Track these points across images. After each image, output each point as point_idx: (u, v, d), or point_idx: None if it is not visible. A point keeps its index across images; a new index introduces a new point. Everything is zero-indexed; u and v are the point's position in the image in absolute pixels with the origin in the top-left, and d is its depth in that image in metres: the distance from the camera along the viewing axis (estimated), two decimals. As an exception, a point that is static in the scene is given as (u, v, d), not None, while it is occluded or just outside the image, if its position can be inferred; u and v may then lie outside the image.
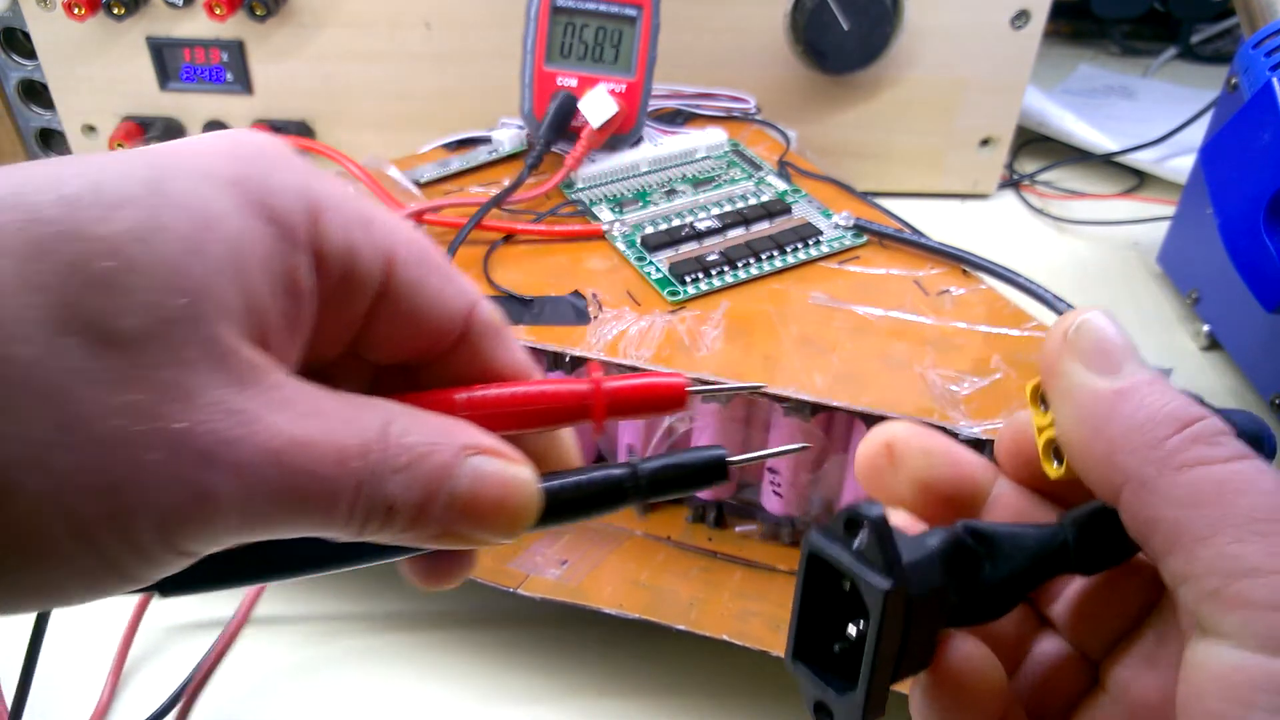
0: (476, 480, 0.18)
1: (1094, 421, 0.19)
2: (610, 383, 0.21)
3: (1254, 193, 0.38)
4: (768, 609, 0.36)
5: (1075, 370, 0.19)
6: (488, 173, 0.49)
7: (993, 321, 0.39)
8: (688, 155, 0.50)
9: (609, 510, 0.21)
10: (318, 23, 0.58)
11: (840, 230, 0.44)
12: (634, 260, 0.42)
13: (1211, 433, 0.18)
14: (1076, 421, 0.19)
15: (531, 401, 0.21)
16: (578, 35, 0.48)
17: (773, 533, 0.40)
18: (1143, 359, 0.19)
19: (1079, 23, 0.88)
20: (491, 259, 0.42)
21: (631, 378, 0.21)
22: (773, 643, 0.34)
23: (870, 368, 0.36)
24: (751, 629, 0.35)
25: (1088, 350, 0.19)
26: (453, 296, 0.21)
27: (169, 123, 0.61)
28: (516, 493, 0.19)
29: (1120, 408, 0.18)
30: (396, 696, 0.37)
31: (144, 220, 0.16)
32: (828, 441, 0.37)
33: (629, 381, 0.21)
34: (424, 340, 0.21)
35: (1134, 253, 0.61)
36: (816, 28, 0.56)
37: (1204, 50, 0.85)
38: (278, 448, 0.16)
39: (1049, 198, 0.67)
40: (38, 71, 0.61)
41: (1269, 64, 0.38)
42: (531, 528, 0.19)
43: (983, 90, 0.61)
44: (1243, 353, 0.51)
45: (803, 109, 0.61)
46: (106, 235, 0.15)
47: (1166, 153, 0.67)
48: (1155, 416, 0.18)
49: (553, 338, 0.38)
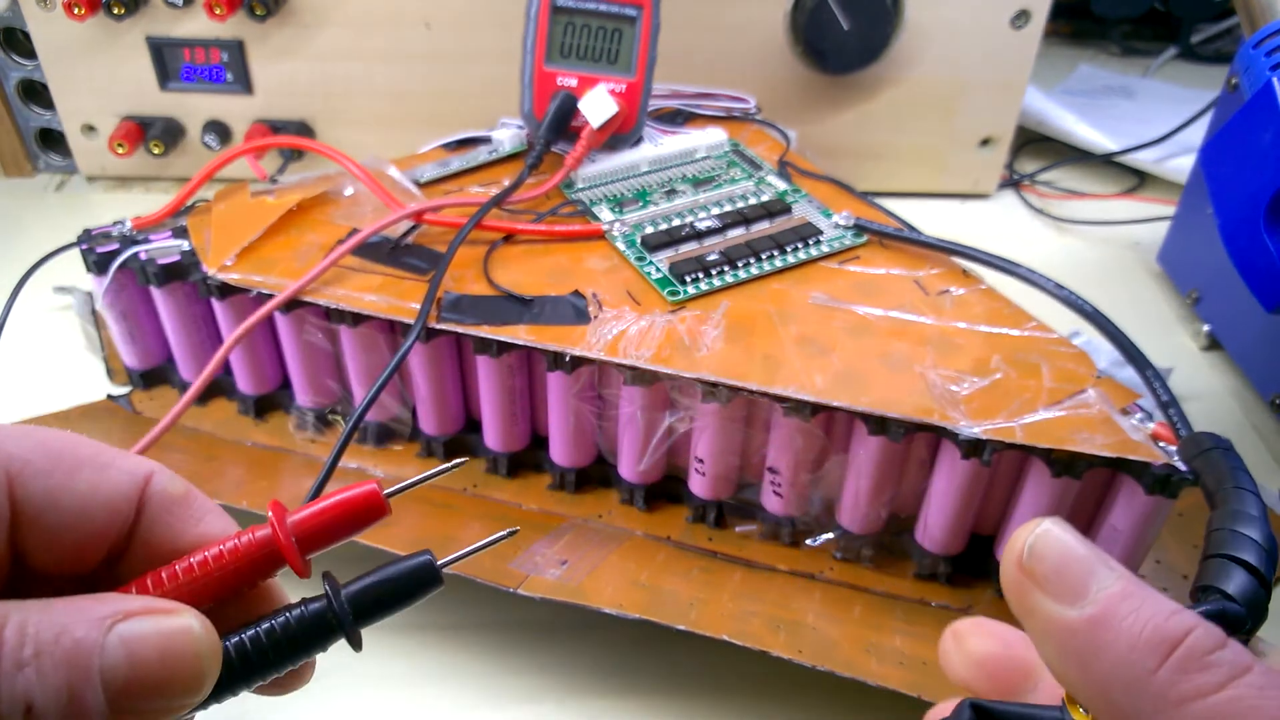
0: (129, 646, 0.16)
1: (1079, 661, 0.18)
2: (294, 517, 0.19)
3: (1254, 192, 0.38)
4: (767, 609, 0.36)
5: (1042, 605, 0.19)
6: (488, 172, 0.49)
7: (993, 321, 0.39)
8: (688, 155, 0.50)
9: (316, 651, 0.19)
10: (318, 22, 0.58)
11: (840, 230, 0.44)
12: (634, 260, 0.42)
13: (1202, 652, 0.17)
14: (1062, 664, 0.18)
15: (209, 568, 0.19)
16: (578, 35, 0.48)
17: (773, 533, 0.40)
18: (1108, 561, 0.19)
19: (1079, 23, 0.88)
20: (491, 259, 0.42)
21: (317, 503, 0.19)
22: (772, 643, 0.34)
23: (870, 367, 0.36)
24: (751, 629, 0.35)
25: (1048, 576, 0.19)
26: (107, 486, 0.19)
27: (169, 123, 0.62)
28: (181, 644, 0.17)
29: (1099, 639, 0.18)
30: (396, 696, 0.37)
31: None
32: (828, 442, 0.37)
33: (314, 508, 0.19)
34: (90, 540, 0.19)
35: (1134, 252, 0.61)
36: (816, 28, 0.56)
37: (1204, 50, 0.85)
38: None
39: (1049, 197, 0.67)
40: (37, 71, 0.61)
41: (1269, 64, 0.38)
42: (228, 691, 0.18)
43: (983, 90, 0.61)
44: (1242, 352, 0.51)
45: (803, 109, 0.61)
46: None
47: (1167, 153, 0.67)
48: (1137, 644, 0.17)
49: (553, 337, 0.38)
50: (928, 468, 0.37)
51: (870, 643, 0.35)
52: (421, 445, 0.44)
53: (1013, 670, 0.23)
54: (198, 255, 0.42)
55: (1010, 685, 0.23)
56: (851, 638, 0.35)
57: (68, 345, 0.51)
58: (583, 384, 0.39)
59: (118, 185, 0.65)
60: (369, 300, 0.39)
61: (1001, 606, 0.37)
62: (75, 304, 0.51)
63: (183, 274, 0.43)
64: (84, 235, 0.44)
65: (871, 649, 0.34)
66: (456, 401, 0.43)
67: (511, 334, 0.38)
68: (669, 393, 0.38)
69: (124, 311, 0.45)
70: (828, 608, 0.37)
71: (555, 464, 0.42)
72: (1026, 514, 0.36)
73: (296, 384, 0.44)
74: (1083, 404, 0.35)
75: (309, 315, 0.41)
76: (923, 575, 0.39)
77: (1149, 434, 0.34)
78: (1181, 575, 0.39)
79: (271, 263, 0.41)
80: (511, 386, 0.40)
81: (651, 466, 0.40)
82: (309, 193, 0.45)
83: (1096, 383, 0.36)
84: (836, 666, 0.33)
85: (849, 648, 0.34)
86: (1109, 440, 0.33)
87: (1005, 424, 0.34)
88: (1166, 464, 0.33)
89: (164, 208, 0.45)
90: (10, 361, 0.48)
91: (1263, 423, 0.48)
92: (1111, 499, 0.35)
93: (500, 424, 0.41)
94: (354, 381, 0.43)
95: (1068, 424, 0.34)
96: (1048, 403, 0.35)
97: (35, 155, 0.66)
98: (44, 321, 0.52)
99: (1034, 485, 0.35)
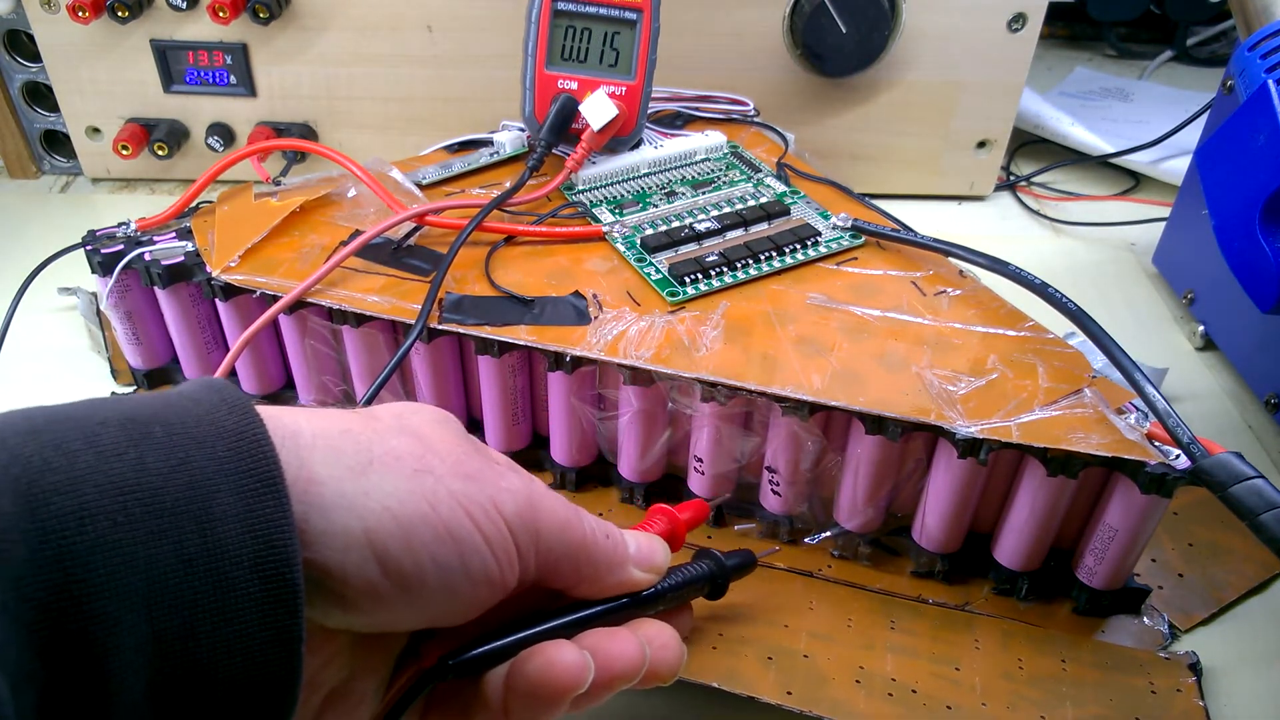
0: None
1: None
2: (683, 515, 0.33)
3: (1249, 194, 0.38)
4: (760, 632, 0.36)
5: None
6: (489, 175, 0.50)
7: (989, 322, 0.40)
8: (687, 157, 0.51)
9: (702, 591, 0.32)
10: (320, 26, 0.59)
11: (838, 231, 0.45)
12: (634, 261, 0.42)
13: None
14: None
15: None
16: (578, 39, 0.48)
17: (771, 531, 0.40)
18: None
19: (1075, 25, 0.88)
20: (493, 260, 0.43)
21: (685, 509, 0.34)
22: (762, 687, 0.34)
23: (868, 368, 0.37)
24: (743, 667, 0.35)
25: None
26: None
27: (173, 125, 0.62)
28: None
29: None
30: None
31: None
32: (826, 441, 0.38)
33: (687, 513, 0.34)
34: None
35: (1130, 253, 0.62)
36: (815, 31, 0.57)
37: (1200, 53, 0.85)
38: None
39: (1045, 199, 0.67)
40: (42, 74, 0.61)
41: (1264, 66, 0.39)
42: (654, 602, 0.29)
43: (980, 93, 0.61)
44: (1238, 352, 0.51)
45: (801, 111, 0.61)
46: None
47: (1162, 154, 0.67)
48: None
49: (553, 338, 0.38)
50: (925, 467, 0.37)
51: (861, 670, 0.35)
52: (423, 445, 0.44)
53: None
54: (202, 256, 0.42)
55: None
56: (843, 663, 0.35)
57: (72, 346, 0.51)
58: (583, 384, 0.39)
59: (122, 187, 0.65)
60: (371, 301, 0.40)
61: (999, 603, 0.38)
62: (80, 305, 0.51)
63: (187, 275, 0.43)
64: (89, 236, 0.44)
65: (862, 679, 0.34)
66: (458, 401, 0.43)
67: (512, 334, 0.38)
68: (668, 393, 0.38)
69: (128, 312, 0.45)
70: (822, 620, 0.37)
71: (556, 463, 0.42)
72: (1023, 512, 0.36)
73: (300, 384, 0.45)
74: (1078, 403, 0.35)
75: (312, 316, 0.42)
76: (920, 573, 0.39)
77: (1144, 433, 0.34)
78: (1177, 574, 0.40)
79: (275, 264, 0.42)
80: (513, 386, 0.41)
81: (651, 465, 0.41)
82: (312, 195, 0.45)
83: (1092, 382, 0.36)
84: (824, 710, 0.33)
85: (839, 680, 0.34)
86: (1105, 440, 0.34)
87: (1001, 423, 0.34)
88: (1162, 463, 0.33)
89: (168, 209, 0.45)
90: (15, 362, 0.48)
91: (1258, 422, 0.48)
92: (1107, 498, 0.36)
93: (501, 424, 0.42)
94: (356, 381, 0.43)
95: (1064, 423, 0.34)
96: (1044, 402, 0.35)
97: (40, 157, 0.66)
98: (49, 322, 0.52)
99: (1030, 484, 0.36)
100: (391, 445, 0.22)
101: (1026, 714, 0.34)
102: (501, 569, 0.23)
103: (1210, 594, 0.39)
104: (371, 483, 0.21)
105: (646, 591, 0.28)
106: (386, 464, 0.22)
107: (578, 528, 0.25)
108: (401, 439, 0.23)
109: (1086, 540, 0.37)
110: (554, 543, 0.24)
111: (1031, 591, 0.38)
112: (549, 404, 0.41)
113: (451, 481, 0.23)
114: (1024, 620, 0.37)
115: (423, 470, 0.22)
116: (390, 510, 0.21)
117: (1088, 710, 0.34)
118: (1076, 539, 0.38)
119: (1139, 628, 0.38)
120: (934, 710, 0.34)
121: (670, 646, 0.26)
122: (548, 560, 0.24)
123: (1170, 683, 0.35)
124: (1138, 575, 0.39)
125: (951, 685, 0.34)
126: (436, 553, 0.22)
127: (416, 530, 0.21)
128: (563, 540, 0.25)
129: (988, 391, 0.36)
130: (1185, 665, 0.36)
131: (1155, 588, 0.39)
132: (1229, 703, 0.35)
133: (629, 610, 0.27)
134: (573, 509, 0.25)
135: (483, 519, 0.22)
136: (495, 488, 0.23)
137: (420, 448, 0.23)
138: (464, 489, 0.23)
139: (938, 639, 0.36)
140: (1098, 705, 0.34)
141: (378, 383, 0.39)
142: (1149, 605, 0.38)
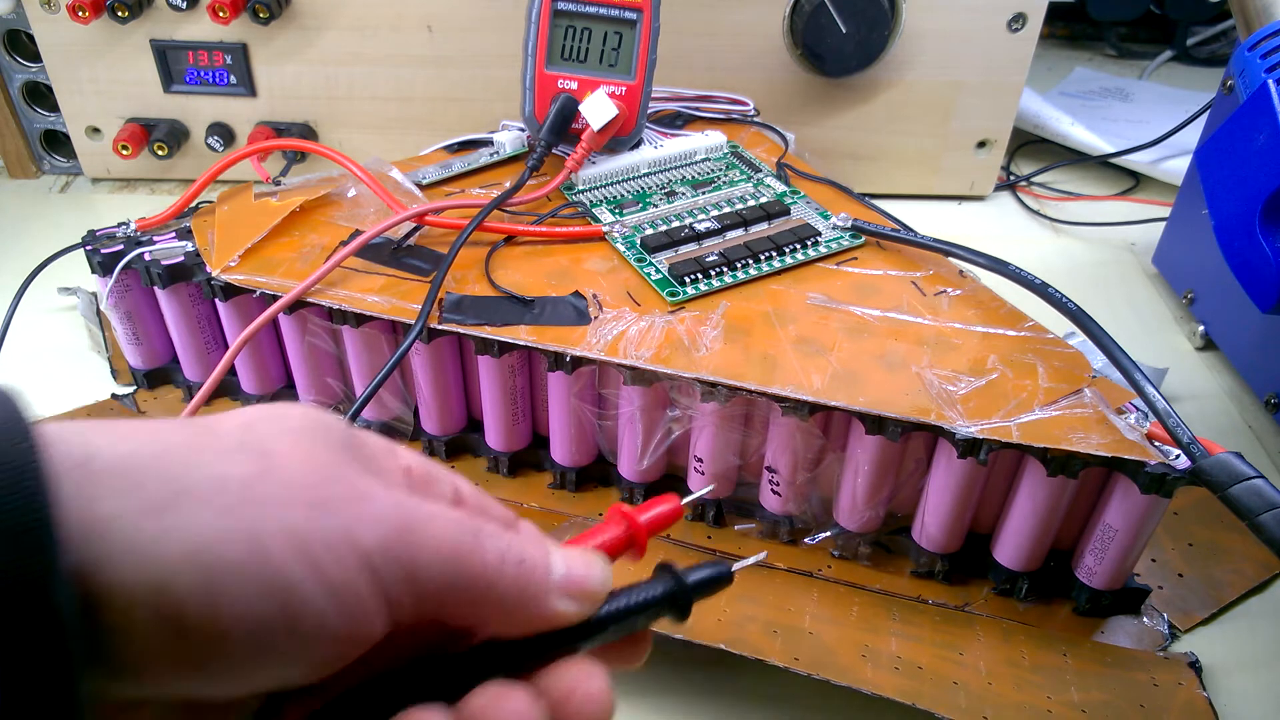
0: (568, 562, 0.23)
1: None
2: (643, 516, 0.25)
3: (1249, 194, 0.38)
4: (765, 612, 0.36)
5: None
6: (489, 175, 0.50)
7: (989, 322, 0.40)
8: (687, 157, 0.51)
9: (662, 614, 0.24)
10: (320, 26, 0.59)
11: (838, 231, 0.45)
12: (634, 261, 0.42)
13: None
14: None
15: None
16: (578, 39, 0.48)
17: (771, 531, 0.40)
18: None
19: (1075, 25, 0.88)
20: (493, 260, 0.43)
21: (654, 506, 0.25)
22: (769, 650, 0.34)
23: (868, 367, 0.37)
24: (748, 635, 0.35)
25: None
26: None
27: (173, 125, 0.62)
28: (600, 568, 0.23)
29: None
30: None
31: None
32: (826, 441, 0.38)
33: (652, 512, 0.25)
34: None
35: (1130, 253, 0.62)
36: (815, 31, 0.57)
37: (1199, 53, 0.85)
38: None
39: (1045, 199, 0.67)
40: (42, 74, 0.61)
41: (1264, 66, 0.39)
42: (600, 635, 0.23)
43: (979, 93, 0.61)
44: (1238, 352, 0.51)
45: (801, 111, 0.61)
46: None
47: (1162, 154, 0.67)
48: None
49: (553, 338, 0.38)
50: (925, 467, 0.37)
51: (866, 646, 0.35)
52: (424, 444, 0.44)
53: None
54: (202, 256, 0.42)
55: None
56: (848, 641, 0.35)
57: (72, 345, 0.51)
58: (583, 384, 0.39)
59: (122, 187, 0.65)
60: (372, 301, 0.40)
61: (999, 604, 0.38)
62: (80, 304, 0.51)
63: (187, 275, 0.43)
64: (88, 236, 0.44)
65: (867, 654, 0.35)
66: (458, 401, 0.43)
67: (512, 334, 0.38)
68: (668, 392, 0.38)
69: (128, 312, 0.45)
70: (825, 609, 0.37)
71: (556, 463, 0.42)
72: (1023, 512, 0.36)
73: (300, 384, 0.45)
74: (1078, 403, 0.35)
75: (312, 316, 0.42)
76: (920, 573, 0.39)
77: (1144, 433, 0.34)
78: (1177, 574, 0.40)
79: (275, 264, 0.42)
80: (512, 386, 0.41)
81: (651, 465, 0.41)
82: (312, 195, 0.45)
83: (1092, 382, 0.36)
84: (832, 675, 0.33)
85: (845, 654, 0.35)
86: (1104, 440, 0.34)
87: (1001, 423, 0.34)
88: (1162, 463, 0.33)
89: (168, 209, 0.45)
90: (15, 361, 0.48)
91: (1258, 422, 0.48)
92: (1107, 498, 0.36)
93: (501, 423, 0.42)
94: (357, 381, 0.43)
95: (1064, 423, 0.34)
96: (1044, 402, 0.35)
97: (40, 157, 0.66)
98: (48, 322, 0.52)
99: (1030, 484, 0.36)
100: (216, 471, 0.18)
101: (1032, 695, 0.34)
102: (350, 620, 0.19)
103: (1210, 594, 0.39)
104: (174, 522, 0.17)
105: (578, 624, 0.23)
106: (201, 496, 0.18)
107: (473, 556, 0.21)
108: (235, 460, 0.19)
109: (1086, 540, 0.37)
110: (437, 577, 0.20)
111: (1031, 591, 0.38)
112: (549, 404, 0.41)
113: (289, 513, 0.18)
114: (1024, 621, 0.37)
115: (249, 501, 0.18)
116: (193, 557, 0.17)
117: (1092, 695, 0.34)
118: (1076, 539, 0.38)
119: (1139, 628, 0.38)
120: (941, 685, 0.34)
121: (595, 698, 0.22)
122: (432, 598, 0.20)
123: (1171, 678, 0.35)
124: (1138, 575, 0.39)
125: (957, 666, 0.35)
126: (251, 608, 0.18)
127: (223, 582, 0.17)
128: (452, 573, 0.20)
129: (988, 391, 0.36)
130: (1185, 665, 0.36)
131: (1155, 588, 0.39)
132: (1229, 703, 0.35)
133: (552, 651, 0.22)
134: (470, 531, 0.21)
135: (326, 559, 0.18)
136: (352, 516, 0.19)
137: (257, 470, 0.19)
138: (304, 522, 0.18)
139: (939, 629, 0.36)
140: (1102, 692, 0.34)
141: (376, 382, 0.39)
142: (1149, 605, 0.38)
